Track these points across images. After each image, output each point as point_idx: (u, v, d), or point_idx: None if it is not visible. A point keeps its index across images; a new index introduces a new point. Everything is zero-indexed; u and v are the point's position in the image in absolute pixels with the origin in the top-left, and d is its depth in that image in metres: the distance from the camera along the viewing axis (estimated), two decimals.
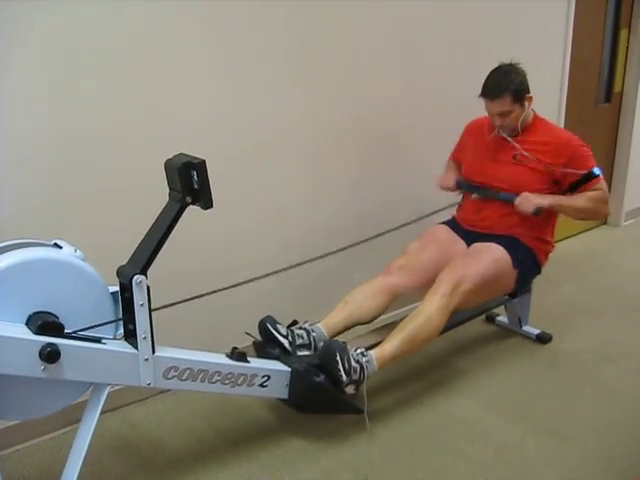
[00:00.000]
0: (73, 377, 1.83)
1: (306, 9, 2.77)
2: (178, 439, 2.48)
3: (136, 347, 1.93)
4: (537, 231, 2.84)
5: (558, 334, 3.22)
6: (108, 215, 2.42)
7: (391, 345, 2.45)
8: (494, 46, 3.47)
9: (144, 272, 1.89)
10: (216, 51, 2.57)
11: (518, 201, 2.72)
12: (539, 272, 2.97)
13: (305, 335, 2.48)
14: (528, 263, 2.85)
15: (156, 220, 1.97)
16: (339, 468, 2.29)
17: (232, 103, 2.66)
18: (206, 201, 1.90)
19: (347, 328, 2.62)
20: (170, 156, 1.95)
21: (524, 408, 2.64)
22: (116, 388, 2.21)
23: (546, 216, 2.80)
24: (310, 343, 2.47)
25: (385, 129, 3.22)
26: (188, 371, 2.05)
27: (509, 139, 2.79)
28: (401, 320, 2.57)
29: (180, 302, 2.14)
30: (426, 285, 2.65)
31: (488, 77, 2.71)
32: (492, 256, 2.72)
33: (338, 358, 2.27)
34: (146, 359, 1.95)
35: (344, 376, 2.28)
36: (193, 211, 1.95)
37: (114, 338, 1.95)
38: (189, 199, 1.91)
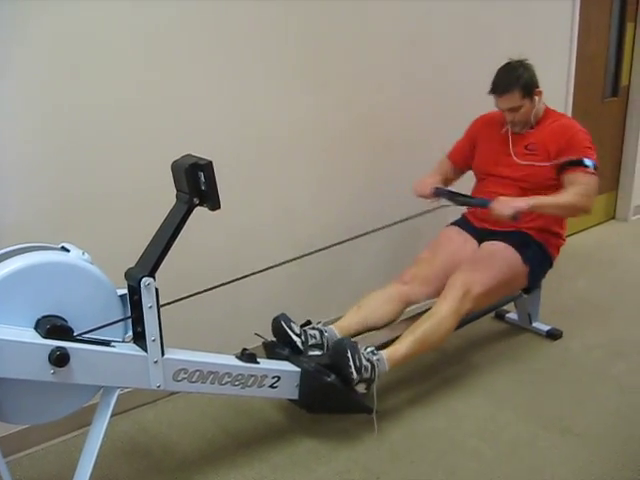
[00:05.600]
0: (83, 380, 1.83)
1: (313, 9, 2.76)
2: (188, 441, 2.47)
3: (145, 349, 1.92)
4: (548, 224, 2.81)
5: (569, 330, 3.20)
6: (116, 217, 2.42)
7: (402, 346, 2.45)
8: (500, 42, 3.47)
9: (152, 274, 1.88)
10: (222, 52, 2.56)
11: (494, 205, 2.54)
12: (551, 266, 2.94)
13: (318, 335, 2.47)
14: (539, 258, 2.82)
15: (164, 222, 1.96)
16: (351, 468, 2.28)
17: (239, 103, 2.65)
18: (213, 202, 1.89)
19: (359, 333, 2.61)
20: (177, 157, 1.94)
21: (535, 405, 2.63)
22: (126, 391, 2.22)
23: None
24: (322, 344, 2.46)
25: (392, 128, 3.21)
26: (198, 373, 2.05)
27: (510, 139, 2.79)
28: (413, 321, 2.57)
29: (184, 298, 2.11)
30: (440, 293, 2.64)
31: (496, 74, 2.69)
32: (501, 257, 2.72)
33: (349, 355, 2.27)
34: (155, 361, 1.94)
35: (355, 373, 2.27)
36: (201, 212, 1.94)
37: (123, 341, 1.95)
38: (196, 200, 1.89)
